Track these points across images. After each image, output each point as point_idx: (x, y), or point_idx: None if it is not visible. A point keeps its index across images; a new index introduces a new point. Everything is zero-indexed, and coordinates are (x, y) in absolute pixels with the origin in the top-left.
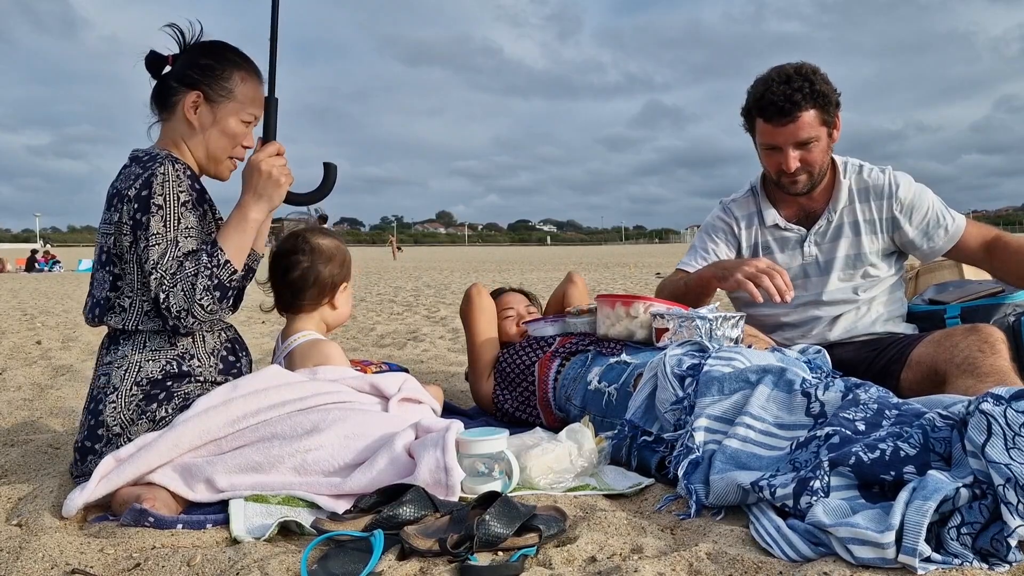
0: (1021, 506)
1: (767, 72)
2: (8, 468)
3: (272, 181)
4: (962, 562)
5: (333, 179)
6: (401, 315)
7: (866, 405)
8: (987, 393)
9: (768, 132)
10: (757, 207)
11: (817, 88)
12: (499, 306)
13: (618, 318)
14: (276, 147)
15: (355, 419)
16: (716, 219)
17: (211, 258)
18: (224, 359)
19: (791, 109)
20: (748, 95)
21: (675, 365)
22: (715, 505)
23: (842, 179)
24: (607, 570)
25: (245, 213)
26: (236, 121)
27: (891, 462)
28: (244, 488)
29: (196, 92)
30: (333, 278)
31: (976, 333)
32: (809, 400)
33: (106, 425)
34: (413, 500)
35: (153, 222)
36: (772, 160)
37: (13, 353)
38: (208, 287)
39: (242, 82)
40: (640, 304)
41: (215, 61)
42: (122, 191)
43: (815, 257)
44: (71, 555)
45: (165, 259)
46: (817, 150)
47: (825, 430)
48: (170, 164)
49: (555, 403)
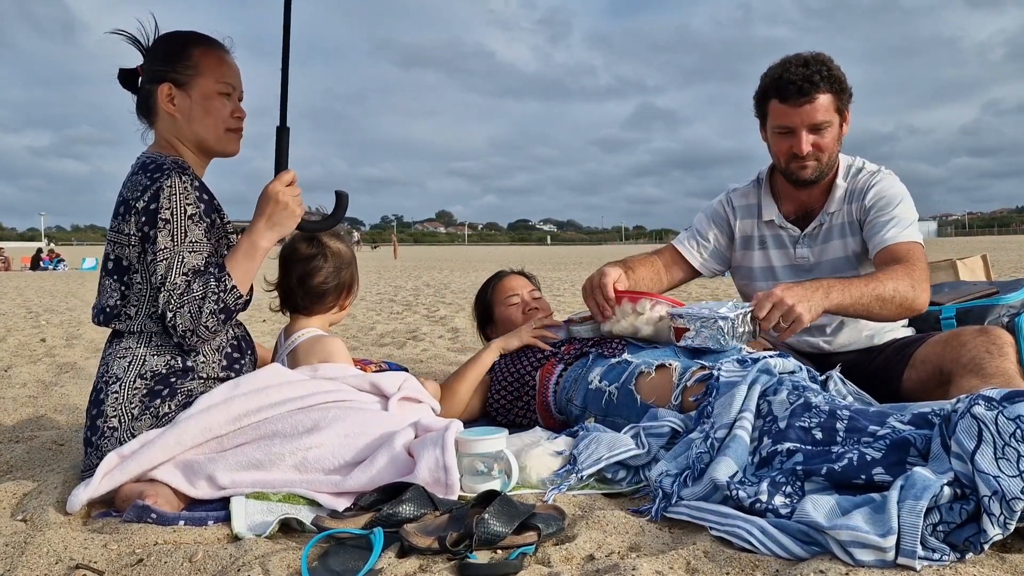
0: (1003, 518)
1: (783, 58)
2: (13, 464)
3: (288, 212)
4: (940, 556)
5: (345, 206)
6: (401, 314)
7: (818, 409)
8: (979, 394)
9: (783, 113)
10: (758, 199)
11: (834, 73)
12: (501, 292)
13: (623, 314)
14: (291, 175)
15: (355, 418)
16: (717, 205)
17: (219, 283)
18: (229, 356)
19: (809, 89)
20: (763, 78)
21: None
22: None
23: (840, 181)
24: (605, 568)
25: (255, 241)
26: (214, 95)
27: (860, 466)
28: (245, 485)
29: (166, 83)
30: (349, 282)
31: (985, 335)
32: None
33: (105, 416)
34: (413, 498)
35: (161, 237)
36: (784, 144)
37: (18, 350)
38: (214, 311)
39: (203, 55)
40: (647, 301)
41: (172, 46)
42: (130, 201)
43: (806, 259)
44: (75, 550)
45: (172, 276)
46: (829, 136)
47: (786, 446)
48: (177, 176)
49: (555, 406)
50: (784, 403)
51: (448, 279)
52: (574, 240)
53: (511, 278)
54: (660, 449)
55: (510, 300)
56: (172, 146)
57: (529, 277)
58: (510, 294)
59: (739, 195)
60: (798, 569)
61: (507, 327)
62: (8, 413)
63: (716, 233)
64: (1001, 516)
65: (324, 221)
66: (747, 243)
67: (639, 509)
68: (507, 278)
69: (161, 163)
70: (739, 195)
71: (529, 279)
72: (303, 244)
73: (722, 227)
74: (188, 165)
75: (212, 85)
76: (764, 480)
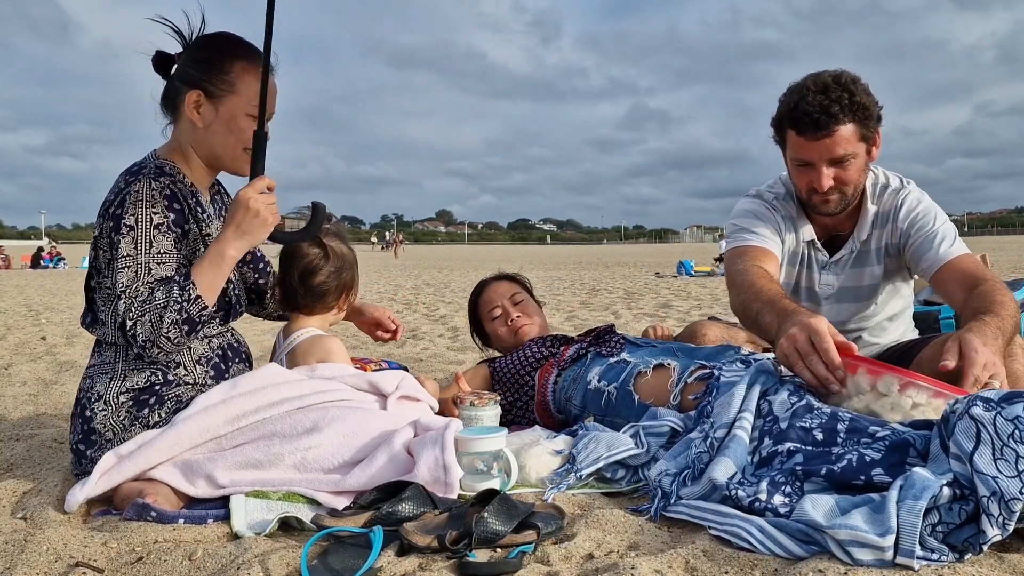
0: (1002, 519)
1: (802, 80)
2: (13, 463)
3: (259, 220)
4: (939, 556)
5: (321, 219)
6: (400, 313)
7: (820, 410)
8: (976, 395)
9: (801, 146)
10: (795, 214)
11: (857, 100)
12: (484, 307)
13: (857, 390)
14: (266, 182)
15: (354, 417)
16: (762, 208)
17: (182, 291)
18: (216, 366)
19: (827, 122)
20: (780, 104)
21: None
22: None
23: (869, 205)
24: (604, 567)
25: (222, 250)
26: (242, 116)
27: (859, 467)
28: (245, 484)
29: (197, 90)
30: (350, 284)
31: None
32: (760, 399)
33: (98, 432)
34: (412, 497)
35: (123, 243)
36: (803, 177)
37: (18, 349)
38: (176, 321)
39: (243, 72)
40: (892, 378)
41: (214, 54)
42: (106, 203)
43: (829, 286)
44: (75, 549)
45: (135, 285)
46: (853, 168)
47: (786, 446)
48: (148, 181)
49: (554, 406)
50: (785, 403)
51: (448, 278)
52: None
53: (491, 289)
54: (659, 449)
55: (492, 314)
56: (182, 151)
57: (514, 279)
58: (491, 307)
59: (780, 203)
60: (797, 568)
61: (498, 341)
62: (8, 411)
63: (774, 236)
64: (1000, 517)
65: (298, 233)
66: (792, 258)
67: (638, 508)
68: (487, 290)
69: (143, 165)
70: (780, 203)
71: (515, 281)
72: (306, 243)
73: (775, 231)
74: (177, 171)
75: (243, 106)
76: (763, 480)
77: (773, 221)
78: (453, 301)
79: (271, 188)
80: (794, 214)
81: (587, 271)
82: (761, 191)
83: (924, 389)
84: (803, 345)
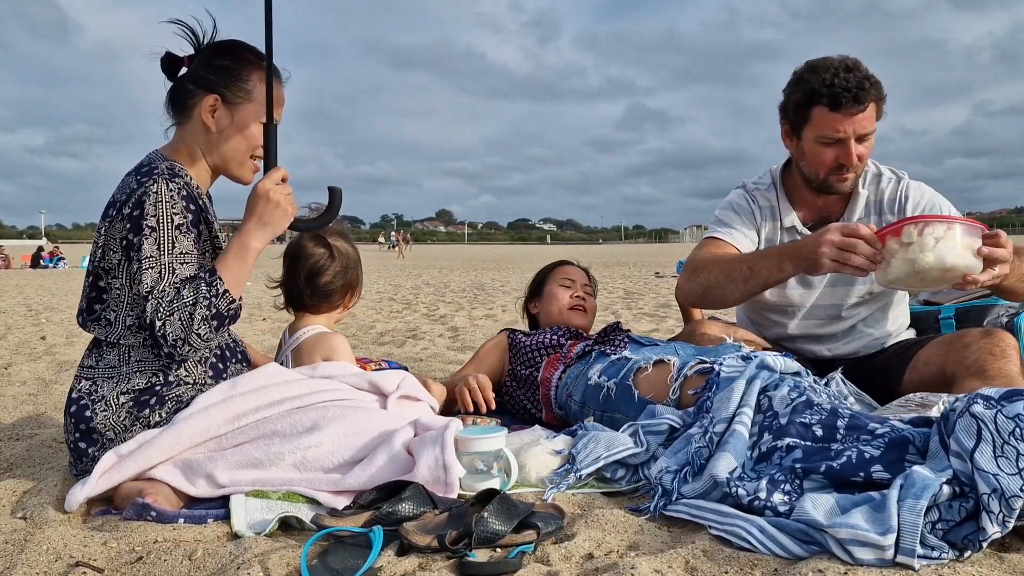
0: (1002, 516)
1: (818, 61)
2: (13, 462)
3: (280, 210)
4: (939, 554)
5: (339, 204)
6: (400, 313)
7: (820, 406)
8: (977, 394)
9: (834, 122)
10: (777, 203)
11: (876, 79)
12: (561, 272)
13: (892, 254)
14: (282, 173)
15: (354, 417)
16: (742, 199)
17: (210, 287)
18: (214, 366)
19: (863, 96)
20: (805, 83)
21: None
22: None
23: (860, 188)
24: (604, 567)
25: (246, 242)
26: (255, 123)
27: (858, 464)
28: (245, 484)
29: (214, 96)
30: (354, 283)
31: (989, 337)
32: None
33: (98, 431)
34: (412, 497)
35: (146, 244)
36: (829, 154)
37: (18, 348)
38: (206, 317)
39: (260, 82)
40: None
41: (232, 62)
42: (117, 204)
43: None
44: (75, 548)
45: (161, 285)
46: (869, 146)
47: (786, 441)
48: (164, 182)
49: (555, 402)
50: (785, 399)
51: (448, 278)
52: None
53: (575, 268)
54: (659, 447)
55: (564, 281)
56: (189, 153)
57: (591, 277)
58: (568, 276)
59: (761, 195)
60: (797, 568)
61: (550, 303)
62: (8, 411)
63: (750, 227)
64: (1000, 514)
65: (317, 220)
66: (769, 245)
67: (638, 508)
68: (571, 266)
69: (154, 167)
70: (761, 195)
71: (590, 279)
72: (311, 243)
73: (750, 222)
74: (185, 172)
75: (258, 114)
76: (763, 477)
77: (749, 212)
78: (453, 301)
79: (285, 179)
80: (775, 203)
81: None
82: (746, 183)
83: (938, 224)
84: (844, 241)
